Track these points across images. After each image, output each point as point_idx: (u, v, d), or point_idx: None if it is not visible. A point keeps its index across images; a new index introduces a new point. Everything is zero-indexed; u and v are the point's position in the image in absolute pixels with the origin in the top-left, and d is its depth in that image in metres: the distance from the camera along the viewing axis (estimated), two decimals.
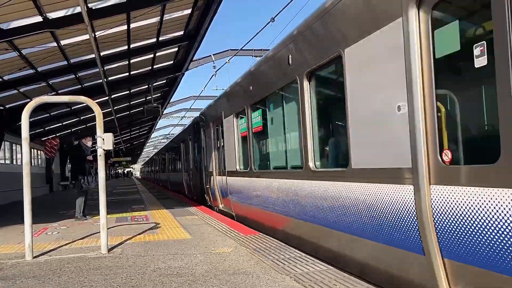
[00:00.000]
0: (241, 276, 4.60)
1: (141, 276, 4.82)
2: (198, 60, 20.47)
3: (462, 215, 3.23)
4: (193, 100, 31.31)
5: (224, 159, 10.85)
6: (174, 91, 22.78)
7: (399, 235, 3.98)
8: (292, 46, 6.40)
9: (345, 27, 4.86)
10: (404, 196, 3.86)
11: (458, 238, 3.30)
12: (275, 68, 7.31)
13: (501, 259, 2.95)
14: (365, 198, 4.50)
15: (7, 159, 21.54)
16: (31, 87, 15.55)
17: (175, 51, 16.59)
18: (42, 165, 28.15)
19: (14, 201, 18.52)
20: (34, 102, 6.43)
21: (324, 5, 5.31)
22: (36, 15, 10.03)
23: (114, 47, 14.08)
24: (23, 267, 5.54)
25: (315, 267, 4.91)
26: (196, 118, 16.13)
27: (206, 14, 12.39)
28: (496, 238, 2.97)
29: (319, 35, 5.55)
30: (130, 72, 17.46)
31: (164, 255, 5.89)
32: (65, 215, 11.70)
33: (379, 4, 4.18)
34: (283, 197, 6.87)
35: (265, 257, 5.51)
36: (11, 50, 11.49)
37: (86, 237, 7.78)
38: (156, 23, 12.79)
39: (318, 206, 5.63)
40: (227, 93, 10.92)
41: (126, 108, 26.63)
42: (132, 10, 10.96)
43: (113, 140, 6.53)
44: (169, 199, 16.91)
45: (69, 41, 12.23)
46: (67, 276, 4.97)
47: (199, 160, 14.99)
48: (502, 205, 2.88)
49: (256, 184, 8.25)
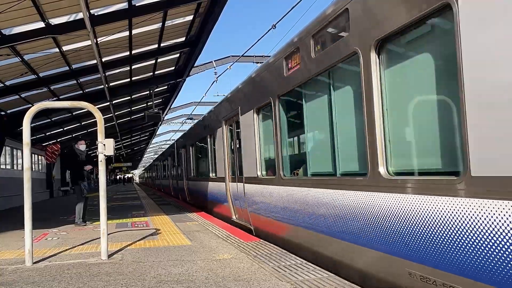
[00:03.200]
0: (242, 283, 4.58)
1: (141, 283, 4.80)
2: (199, 66, 20.53)
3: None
4: (194, 106, 31.37)
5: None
6: (175, 97, 22.83)
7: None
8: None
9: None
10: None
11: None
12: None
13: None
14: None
15: (8, 164, 21.55)
16: (33, 92, 15.59)
17: (176, 57, 16.65)
18: (43, 170, 28.16)
19: (15, 207, 18.50)
20: (36, 107, 6.44)
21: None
22: (39, 21, 10.09)
23: (116, 53, 14.14)
24: (23, 273, 5.52)
25: (316, 274, 4.88)
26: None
27: (208, 21, 12.46)
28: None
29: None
30: (131, 78, 17.52)
31: (164, 262, 5.87)
32: (65, 220, 11.68)
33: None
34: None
35: (266, 264, 5.48)
36: (13, 55, 11.54)
37: (86, 243, 7.76)
38: (157, 29, 12.84)
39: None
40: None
41: (127, 114, 26.69)
42: (134, 16, 11.02)
43: (114, 146, 6.54)
44: (169, 205, 16.88)
45: (71, 47, 12.28)
46: (66, 282, 4.95)
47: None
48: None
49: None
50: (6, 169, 20.86)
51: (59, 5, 9.68)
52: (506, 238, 2.82)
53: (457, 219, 3.19)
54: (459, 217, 3.17)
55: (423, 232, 3.54)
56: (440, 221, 3.35)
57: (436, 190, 3.40)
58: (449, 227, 3.26)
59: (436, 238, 3.41)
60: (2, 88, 14.14)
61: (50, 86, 15.28)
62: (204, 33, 13.33)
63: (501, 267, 2.86)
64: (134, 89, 19.33)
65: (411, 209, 3.67)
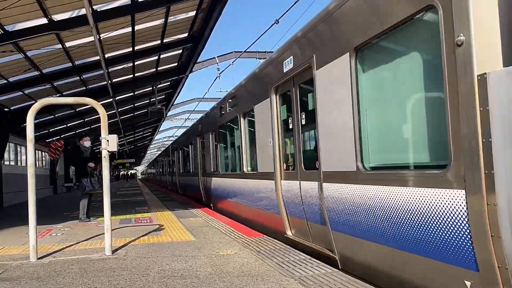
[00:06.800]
0: (246, 278, 4.58)
1: (145, 278, 4.81)
2: (202, 62, 20.53)
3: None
4: (197, 102, 31.38)
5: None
6: (178, 93, 22.84)
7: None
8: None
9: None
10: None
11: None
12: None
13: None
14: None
15: (12, 160, 21.63)
16: (36, 89, 15.62)
17: (179, 53, 16.64)
18: (46, 166, 28.25)
19: (19, 203, 18.58)
20: (39, 103, 6.44)
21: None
22: (41, 17, 10.09)
23: (119, 49, 14.14)
24: (27, 269, 5.54)
25: (320, 270, 4.88)
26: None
27: (210, 17, 12.44)
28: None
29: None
30: (134, 74, 17.53)
31: (168, 257, 5.88)
32: (69, 216, 11.72)
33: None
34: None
35: (270, 259, 5.48)
36: (16, 52, 11.55)
37: (90, 238, 7.78)
38: (160, 25, 12.83)
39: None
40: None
41: (130, 110, 26.72)
42: (137, 12, 11.00)
43: (117, 142, 6.54)
44: (172, 201, 16.90)
45: (74, 43, 12.28)
46: (71, 278, 4.96)
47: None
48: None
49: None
50: (10, 165, 20.93)
51: (62, 1, 9.68)
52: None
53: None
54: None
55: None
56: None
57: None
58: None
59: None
60: (6, 84, 14.18)
61: (53, 82, 15.31)
62: (206, 29, 13.31)
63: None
64: (137, 85, 19.36)
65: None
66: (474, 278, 3.26)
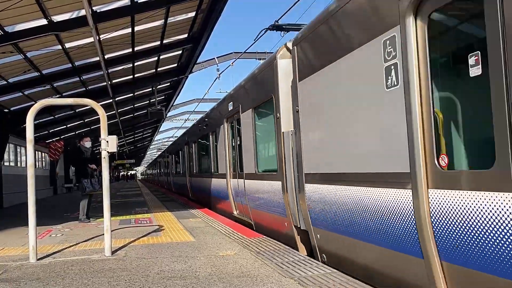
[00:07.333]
0: (245, 279, 4.59)
1: (144, 279, 4.81)
2: (202, 63, 20.54)
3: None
4: (196, 103, 31.40)
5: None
6: (178, 93, 22.84)
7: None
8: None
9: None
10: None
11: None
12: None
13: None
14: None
15: (12, 161, 21.63)
16: (36, 89, 15.63)
17: (179, 53, 16.64)
18: (46, 167, 28.25)
19: (19, 203, 18.58)
20: (39, 104, 6.45)
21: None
22: (41, 18, 10.09)
23: (119, 50, 14.15)
24: (27, 269, 5.54)
25: (320, 270, 4.88)
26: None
27: (210, 17, 12.43)
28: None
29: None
30: (134, 74, 17.53)
31: (168, 258, 5.89)
32: (69, 217, 11.72)
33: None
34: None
35: (269, 260, 5.49)
36: (16, 53, 11.56)
37: (90, 239, 7.78)
38: (160, 26, 12.83)
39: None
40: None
41: (130, 111, 26.72)
42: (137, 13, 11.01)
43: (117, 142, 6.54)
44: (172, 201, 16.91)
45: (73, 44, 12.29)
46: (70, 279, 4.97)
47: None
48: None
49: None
50: (10, 166, 20.94)
51: (62, 2, 9.68)
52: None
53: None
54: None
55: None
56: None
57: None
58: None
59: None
60: (5, 85, 14.18)
61: (53, 83, 15.30)
62: (206, 30, 13.31)
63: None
64: (137, 86, 19.35)
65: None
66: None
